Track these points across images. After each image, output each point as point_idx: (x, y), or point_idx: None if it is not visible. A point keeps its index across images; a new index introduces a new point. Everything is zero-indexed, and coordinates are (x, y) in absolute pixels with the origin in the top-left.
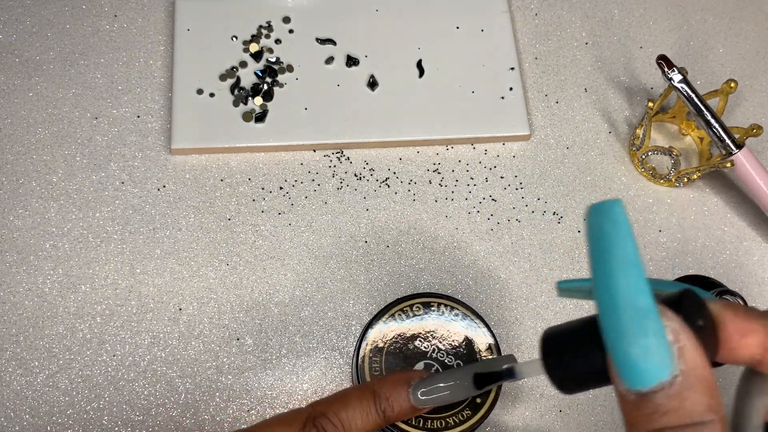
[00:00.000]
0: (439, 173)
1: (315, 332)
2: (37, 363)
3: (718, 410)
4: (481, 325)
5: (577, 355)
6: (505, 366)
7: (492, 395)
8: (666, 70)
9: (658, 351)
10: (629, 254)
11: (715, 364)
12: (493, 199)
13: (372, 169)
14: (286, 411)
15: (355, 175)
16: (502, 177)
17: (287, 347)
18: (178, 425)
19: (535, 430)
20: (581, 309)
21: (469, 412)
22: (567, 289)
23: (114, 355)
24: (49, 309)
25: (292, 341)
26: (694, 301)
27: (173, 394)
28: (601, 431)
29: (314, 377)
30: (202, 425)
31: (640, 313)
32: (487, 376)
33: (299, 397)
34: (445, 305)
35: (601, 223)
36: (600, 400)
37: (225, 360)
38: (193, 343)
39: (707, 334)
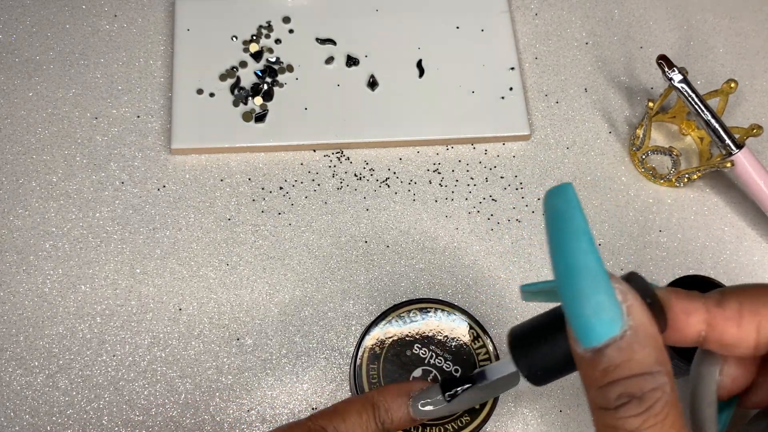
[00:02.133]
0: (439, 173)
1: (315, 332)
2: (37, 363)
3: (665, 364)
4: (479, 329)
5: (540, 341)
6: (476, 370)
7: (490, 402)
8: (666, 70)
9: (608, 307)
10: (580, 226)
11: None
12: (493, 199)
13: (372, 169)
14: (284, 424)
15: (355, 175)
16: (502, 177)
17: (287, 347)
18: (178, 425)
19: (535, 430)
20: None
21: (467, 417)
22: (530, 291)
23: (114, 355)
24: (49, 309)
25: (292, 341)
26: (640, 281)
27: (173, 394)
28: None
29: (314, 377)
30: (202, 425)
31: (591, 274)
32: (454, 381)
33: (299, 397)
34: (442, 310)
35: (556, 202)
36: None
37: (225, 360)
38: (193, 343)
39: (655, 312)
